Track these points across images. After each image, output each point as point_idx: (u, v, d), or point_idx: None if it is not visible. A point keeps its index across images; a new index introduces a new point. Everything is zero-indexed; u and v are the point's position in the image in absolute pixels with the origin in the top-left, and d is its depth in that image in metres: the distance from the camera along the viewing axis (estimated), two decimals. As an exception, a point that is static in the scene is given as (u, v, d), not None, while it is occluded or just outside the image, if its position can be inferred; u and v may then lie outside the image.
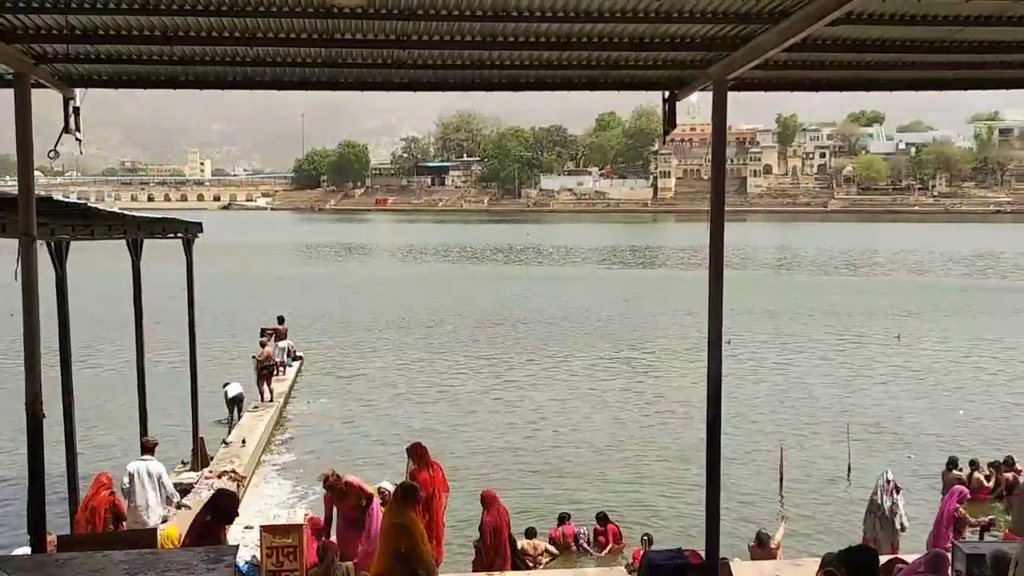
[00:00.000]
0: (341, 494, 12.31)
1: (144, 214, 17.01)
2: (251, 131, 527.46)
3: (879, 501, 13.90)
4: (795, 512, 17.66)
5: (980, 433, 23.35)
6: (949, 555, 10.35)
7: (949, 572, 9.84)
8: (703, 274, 9.23)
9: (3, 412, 19.10)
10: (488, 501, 12.96)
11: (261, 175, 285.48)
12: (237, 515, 8.89)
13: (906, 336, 37.72)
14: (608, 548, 15.67)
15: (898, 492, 13.93)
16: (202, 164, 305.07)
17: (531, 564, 14.29)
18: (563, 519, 16.18)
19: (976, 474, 18.07)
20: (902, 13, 7.79)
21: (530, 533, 15.14)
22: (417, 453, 12.37)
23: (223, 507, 8.61)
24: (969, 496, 15.78)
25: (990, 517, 15.66)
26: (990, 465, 18.50)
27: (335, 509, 12.52)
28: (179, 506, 15.61)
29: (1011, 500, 15.88)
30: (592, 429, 23.88)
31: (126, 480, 14.01)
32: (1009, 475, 18.08)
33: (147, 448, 14.62)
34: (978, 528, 15.06)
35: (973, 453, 19.64)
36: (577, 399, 27.27)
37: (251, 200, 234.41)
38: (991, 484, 18.14)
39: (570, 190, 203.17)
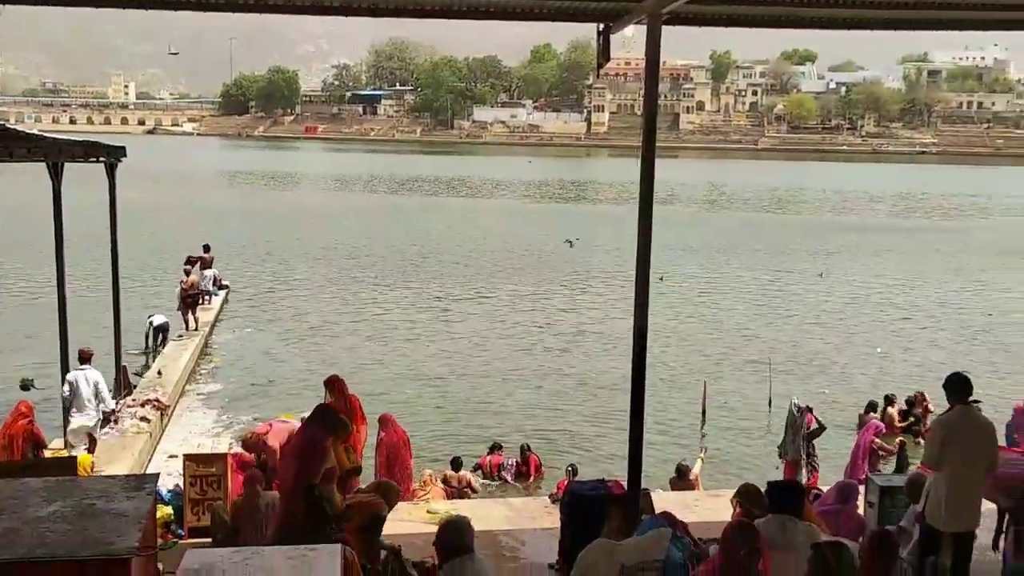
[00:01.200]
0: (260, 452, 12.31)
1: (66, 137, 16.56)
2: (178, 55, 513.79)
3: (800, 423, 14.24)
4: (716, 444, 18.05)
5: (896, 369, 24.00)
6: (858, 485, 10.70)
7: (858, 501, 10.15)
8: (634, 209, 9.24)
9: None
10: (384, 421, 13.01)
11: (187, 100, 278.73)
12: (338, 425, 8.98)
13: (829, 274, 38.41)
14: (531, 479, 15.91)
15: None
16: (126, 87, 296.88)
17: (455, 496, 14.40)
18: (494, 448, 16.36)
19: (890, 409, 18.57)
20: (836, -49, 7.78)
21: (456, 464, 15.26)
22: (334, 385, 12.26)
23: (326, 418, 8.74)
24: (884, 430, 16.32)
25: (900, 439, 16.22)
26: (907, 401, 19.03)
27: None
28: (114, 420, 15.85)
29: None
30: (519, 361, 24.04)
31: (66, 389, 14.55)
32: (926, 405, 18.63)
33: (84, 358, 14.99)
34: (893, 456, 15.58)
35: (889, 388, 20.18)
36: (505, 332, 27.40)
37: (177, 125, 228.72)
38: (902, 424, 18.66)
39: (503, 122, 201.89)
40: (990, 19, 10.46)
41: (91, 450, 14.32)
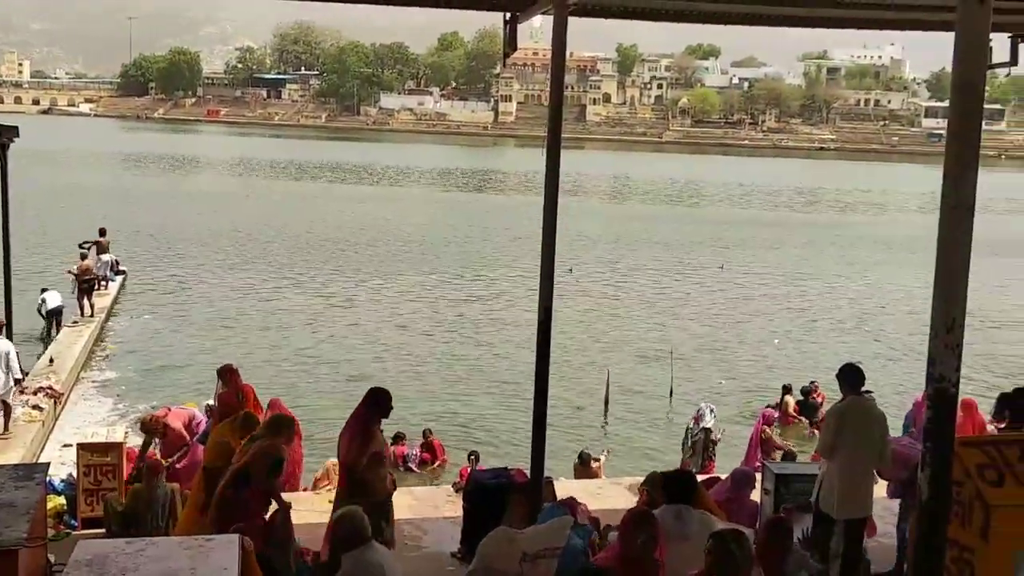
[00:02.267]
0: (161, 435, 12.06)
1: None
2: (75, 33, 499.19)
3: (706, 416, 14.53)
4: (619, 432, 18.28)
5: (792, 359, 24.57)
6: (754, 473, 10.94)
7: (753, 487, 10.38)
8: (540, 200, 9.27)
9: None
10: (272, 405, 12.78)
11: (84, 79, 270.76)
12: (392, 408, 9.15)
13: (728, 266, 39.08)
14: (435, 463, 15.94)
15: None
16: (20, 65, 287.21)
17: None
18: (398, 438, 16.29)
19: (788, 398, 19.01)
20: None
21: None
22: (227, 375, 12.04)
23: (380, 401, 8.94)
24: (775, 417, 16.70)
25: (790, 446, 16.43)
26: (802, 390, 19.47)
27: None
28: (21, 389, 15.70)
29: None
30: (422, 349, 24.00)
31: None
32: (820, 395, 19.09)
33: None
34: (783, 451, 15.93)
35: (785, 378, 20.64)
36: (407, 319, 27.30)
37: (73, 105, 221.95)
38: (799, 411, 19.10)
39: (410, 110, 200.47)
40: (886, 18, 10.74)
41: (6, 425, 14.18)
